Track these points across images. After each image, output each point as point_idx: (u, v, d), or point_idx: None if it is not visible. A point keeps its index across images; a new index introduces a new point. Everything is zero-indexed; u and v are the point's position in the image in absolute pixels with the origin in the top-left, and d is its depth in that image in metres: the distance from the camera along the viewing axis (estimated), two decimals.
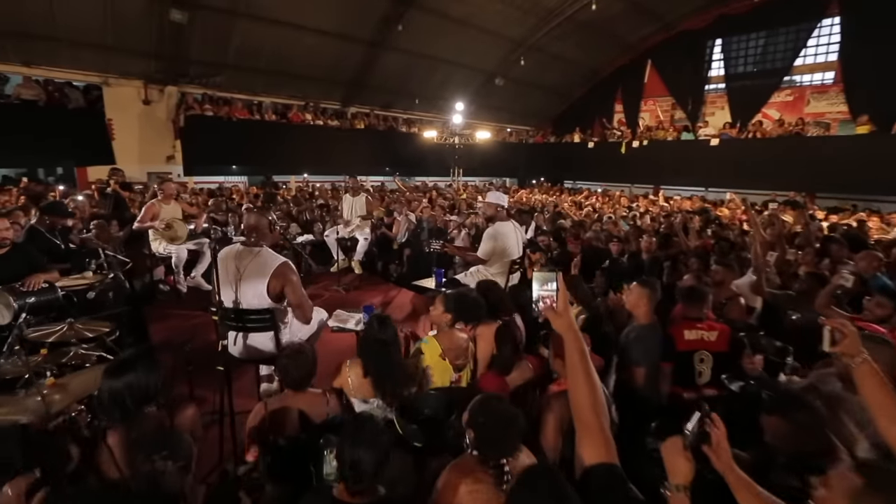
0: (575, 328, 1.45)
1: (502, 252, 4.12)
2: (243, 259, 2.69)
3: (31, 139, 10.59)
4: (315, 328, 3.07)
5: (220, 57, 12.20)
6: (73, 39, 10.48)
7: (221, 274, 2.62)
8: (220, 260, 2.65)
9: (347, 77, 14.50)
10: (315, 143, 13.63)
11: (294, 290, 2.71)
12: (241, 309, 2.68)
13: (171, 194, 5.46)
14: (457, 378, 2.62)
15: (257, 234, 2.77)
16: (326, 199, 9.95)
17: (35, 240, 4.18)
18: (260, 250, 2.74)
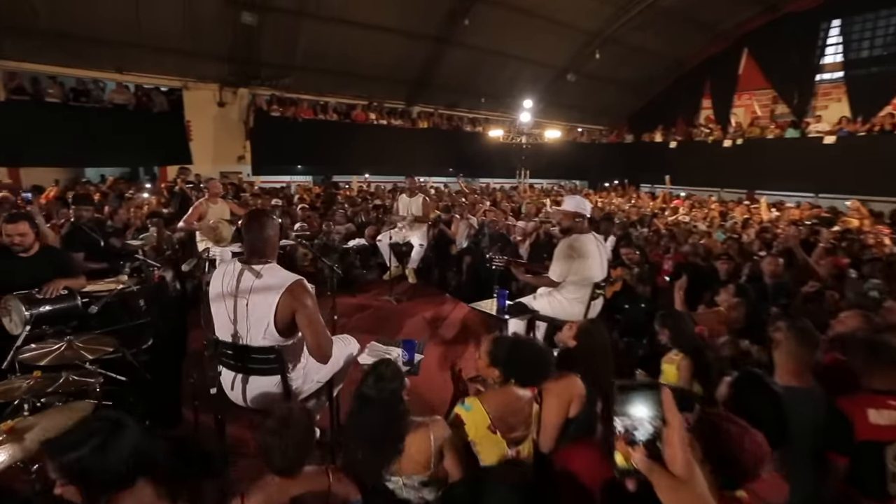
0: None
1: (580, 273, 3.29)
2: (244, 281, 2.07)
3: (121, 141, 11.22)
4: (340, 365, 2.41)
5: (288, 59, 12.27)
6: (157, 46, 10.92)
7: (214, 301, 2.08)
8: (213, 283, 2.12)
9: (412, 76, 14.12)
10: (378, 143, 13.37)
11: (308, 316, 2.06)
12: (239, 345, 2.07)
13: (216, 193, 5.20)
14: (514, 453, 1.88)
15: (263, 245, 2.13)
16: (384, 199, 9.51)
17: (75, 237, 3.99)
18: (264, 267, 2.11)
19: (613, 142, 17.30)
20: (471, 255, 7.01)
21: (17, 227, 3.07)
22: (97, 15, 9.90)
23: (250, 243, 2.13)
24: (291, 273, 2.15)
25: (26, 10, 9.41)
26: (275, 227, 2.17)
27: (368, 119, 13.50)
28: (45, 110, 10.66)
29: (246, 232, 2.13)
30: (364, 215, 7.92)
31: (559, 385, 2.01)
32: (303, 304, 2.06)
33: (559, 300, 3.31)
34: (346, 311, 5.39)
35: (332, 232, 6.47)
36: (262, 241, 2.12)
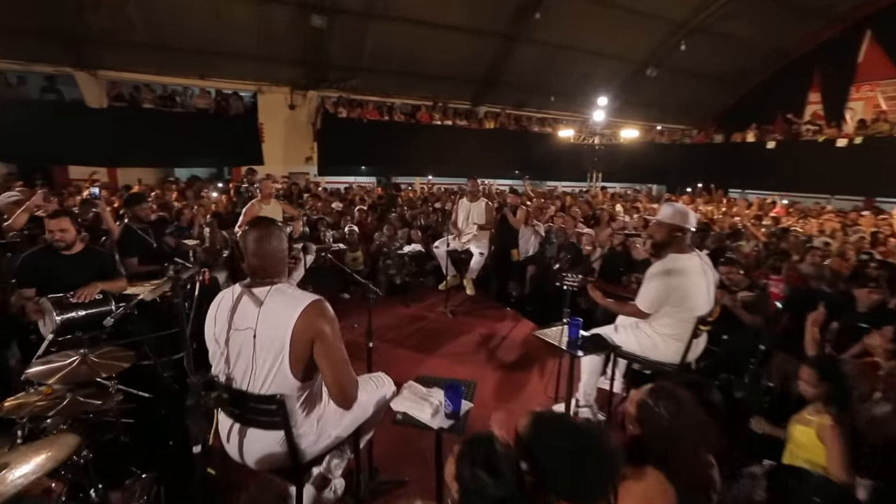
0: None
1: (680, 304, 2.57)
2: (242, 310, 1.67)
3: (202, 143, 11.80)
4: (369, 412, 1.94)
5: (355, 60, 12.27)
6: (236, 53, 11.34)
7: (208, 337, 1.72)
8: (209, 314, 1.75)
9: (479, 75, 13.63)
10: (441, 144, 13.02)
11: (328, 347, 1.64)
12: (234, 390, 1.66)
13: (269, 193, 5.01)
14: None
15: (267, 262, 1.72)
16: (445, 202, 9.08)
17: (127, 238, 3.92)
18: (270, 290, 1.68)
19: (700, 142, 15.66)
20: (535, 265, 6.37)
21: (59, 222, 2.96)
22: (184, 26, 10.43)
23: (250, 260, 1.70)
24: (305, 292, 1.73)
25: (125, 24, 10.09)
26: (280, 239, 1.75)
27: (433, 120, 13.20)
28: (140, 115, 11.45)
29: (245, 246, 1.70)
30: (423, 218, 7.53)
31: (633, 491, 1.36)
32: (321, 332, 1.62)
33: (649, 335, 2.61)
34: (397, 322, 5.00)
35: (389, 236, 6.13)
36: (264, 256, 1.69)
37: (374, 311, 4.80)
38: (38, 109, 10.89)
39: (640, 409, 1.50)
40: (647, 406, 1.49)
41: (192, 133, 11.67)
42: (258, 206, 4.87)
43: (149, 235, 4.02)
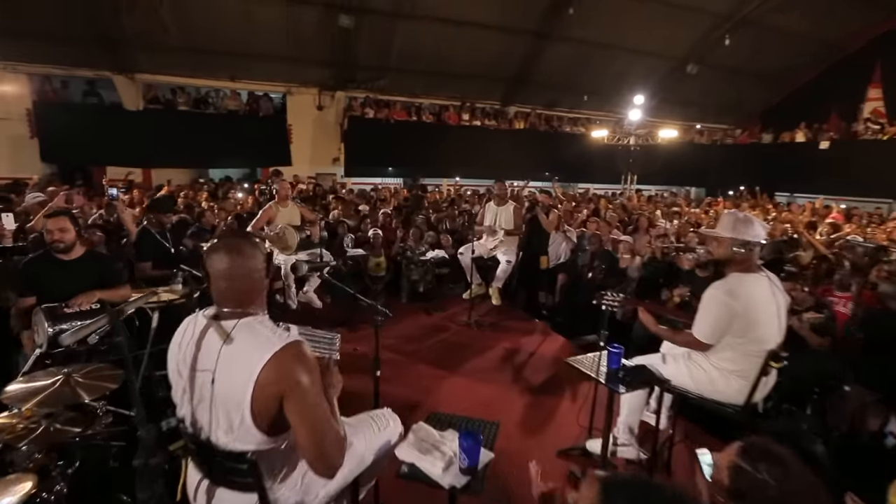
0: None
1: (746, 335, 2.12)
2: (206, 346, 1.33)
3: (233, 144, 11.90)
4: (368, 461, 1.60)
5: (383, 61, 12.10)
6: (265, 54, 11.37)
7: (171, 373, 1.41)
8: (176, 338, 1.43)
9: (509, 74, 13.23)
10: (469, 145, 12.70)
11: (302, 403, 1.28)
12: (200, 440, 1.34)
13: (286, 195, 4.75)
14: None
15: (238, 287, 1.36)
16: (473, 204, 8.74)
17: (143, 242, 3.78)
18: (239, 324, 1.32)
19: (743, 142, 14.74)
20: (566, 273, 5.97)
21: (57, 222, 2.80)
22: (215, 29, 10.51)
23: (216, 284, 1.35)
24: (282, 330, 1.35)
25: (158, 27, 10.23)
26: (254, 257, 1.37)
27: (461, 120, 12.89)
28: (174, 117, 11.65)
29: (209, 265, 1.35)
30: (449, 222, 7.22)
31: None
32: (294, 385, 1.27)
33: (704, 369, 2.19)
34: (418, 332, 4.71)
35: (413, 240, 5.86)
36: (233, 279, 1.33)
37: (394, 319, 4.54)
38: (80, 112, 11.22)
39: (736, 477, 1.14)
40: (744, 473, 1.12)
41: (223, 134, 11.79)
42: (275, 208, 4.67)
43: (166, 239, 3.87)
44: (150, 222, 3.94)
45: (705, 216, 9.06)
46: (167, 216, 3.94)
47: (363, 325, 4.76)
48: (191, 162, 12.38)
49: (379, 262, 5.62)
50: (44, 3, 9.28)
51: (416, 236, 5.83)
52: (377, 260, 5.59)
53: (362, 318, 4.93)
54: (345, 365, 3.42)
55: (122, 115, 11.31)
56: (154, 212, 3.93)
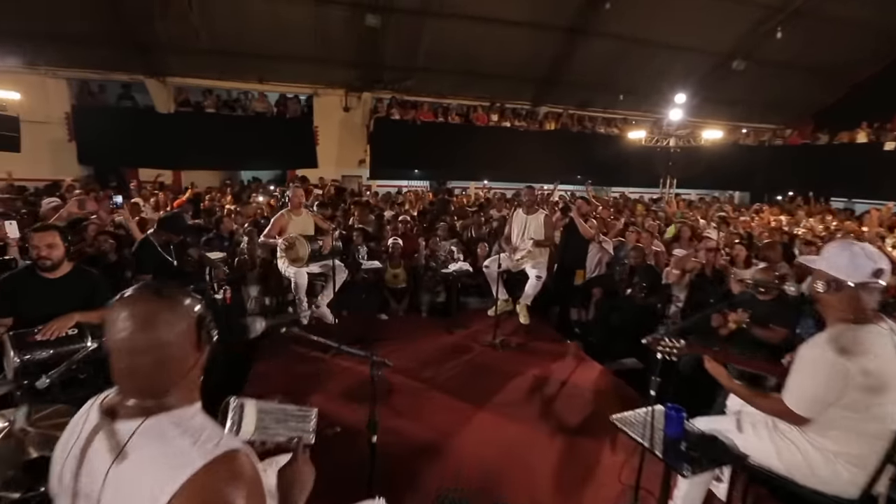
0: None
1: (859, 409, 1.57)
2: (97, 458, 0.86)
3: (261, 146, 11.84)
4: None
5: (410, 61, 11.78)
6: (292, 55, 11.24)
7: (55, 471, 0.94)
8: (65, 435, 0.96)
9: (540, 73, 12.68)
10: (499, 147, 12.21)
11: None
12: None
13: (299, 203, 4.43)
14: None
15: (148, 369, 0.90)
16: (501, 209, 8.25)
17: (143, 253, 3.52)
18: (142, 428, 0.86)
19: (793, 143, 13.66)
20: (602, 288, 5.43)
21: (44, 236, 2.52)
22: (243, 31, 10.46)
23: (116, 361, 0.91)
24: (209, 433, 0.88)
25: (189, 31, 10.23)
26: (176, 327, 0.93)
27: (489, 121, 12.42)
28: (203, 120, 11.69)
29: (110, 334, 0.91)
30: (474, 229, 6.76)
31: None
32: None
33: (800, 449, 1.62)
34: (436, 353, 4.29)
35: (433, 249, 5.45)
36: (138, 354, 0.89)
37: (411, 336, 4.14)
38: (114, 115, 11.38)
39: None
40: None
41: (251, 136, 11.75)
42: (287, 216, 4.35)
43: (169, 252, 3.60)
44: (155, 231, 3.69)
45: (755, 223, 8.28)
46: (174, 236, 3.66)
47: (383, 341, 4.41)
48: (219, 164, 12.40)
49: (397, 273, 5.23)
50: (82, 9, 9.41)
51: (436, 245, 5.41)
52: (395, 271, 5.20)
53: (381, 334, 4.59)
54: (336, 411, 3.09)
55: (154, 118, 11.42)
56: (163, 230, 3.67)
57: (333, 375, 3.77)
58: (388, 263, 5.17)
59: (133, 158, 11.69)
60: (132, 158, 11.70)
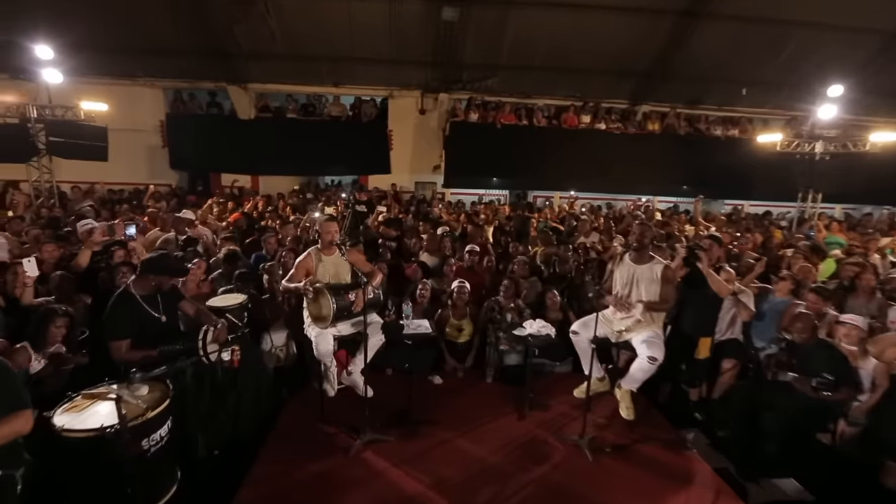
0: None
1: None
2: None
3: (335, 151, 11.47)
4: None
5: (492, 58, 10.62)
6: (367, 57, 10.66)
7: None
8: None
9: (641, 66, 10.84)
10: (589, 152, 10.63)
11: None
12: None
13: (330, 241, 3.21)
14: None
15: None
16: (589, 234, 6.70)
17: (121, 311, 2.70)
18: None
19: None
20: (735, 359, 3.88)
21: None
22: (319, 34, 10.08)
23: None
24: None
25: (267, 37, 10.02)
26: None
27: (580, 123, 10.85)
28: (279, 125, 11.56)
29: None
30: (559, 264, 5.35)
31: None
32: None
33: None
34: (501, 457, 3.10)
35: (505, 296, 4.22)
36: None
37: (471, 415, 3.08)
38: (201, 122, 11.63)
39: None
40: None
41: (325, 141, 11.43)
42: (315, 257, 3.26)
43: (156, 303, 2.82)
44: (136, 281, 2.83)
45: None
46: (166, 279, 2.87)
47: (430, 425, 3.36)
48: (294, 169, 12.24)
49: (461, 325, 4.13)
50: (173, 21, 9.54)
51: (510, 292, 4.19)
52: (458, 322, 4.11)
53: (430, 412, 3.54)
54: None
55: (235, 124, 11.49)
56: (146, 274, 2.81)
57: (356, 484, 2.79)
58: (451, 312, 4.10)
59: (216, 163, 11.91)
60: (216, 164, 11.92)
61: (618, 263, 3.42)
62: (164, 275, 2.83)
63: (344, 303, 3.00)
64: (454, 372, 4.14)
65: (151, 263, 2.83)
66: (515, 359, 4.17)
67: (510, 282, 4.27)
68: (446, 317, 4.22)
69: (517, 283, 4.35)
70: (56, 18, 8.31)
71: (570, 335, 3.44)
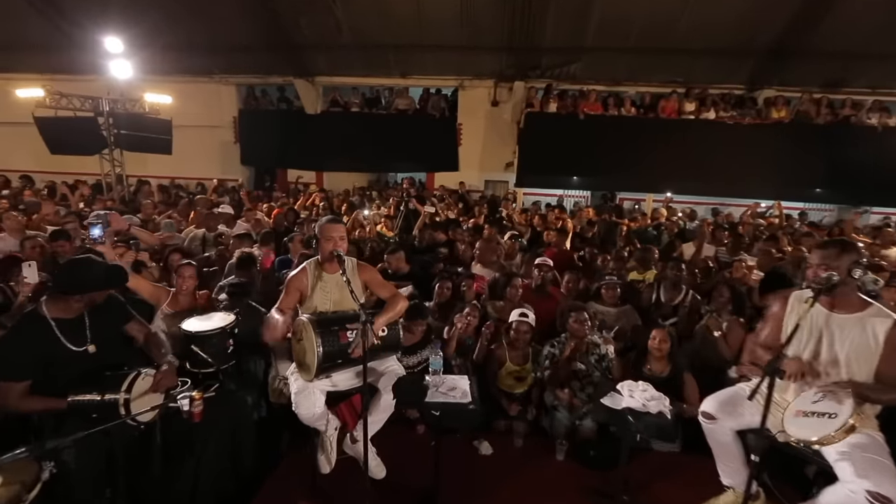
0: None
1: None
2: None
3: (400, 146, 10.77)
4: None
5: (576, 39, 9.22)
6: (436, 44, 9.80)
7: None
8: None
9: (764, 42, 8.86)
10: (693, 146, 8.82)
11: None
12: None
13: (332, 248, 2.15)
14: None
15: None
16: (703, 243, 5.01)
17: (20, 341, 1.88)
18: None
19: None
20: None
21: None
22: (386, 23, 9.36)
23: None
24: None
25: (333, 28, 9.51)
26: None
27: (682, 111, 9.02)
28: (345, 119, 11.06)
29: None
30: (666, 291, 3.85)
31: None
32: None
33: None
34: None
35: (581, 333, 2.94)
36: None
37: None
38: (269, 118, 11.48)
39: None
40: None
41: (391, 136, 10.77)
42: (312, 274, 2.26)
43: (77, 328, 1.95)
44: (50, 302, 1.96)
45: None
46: (71, 300, 1.97)
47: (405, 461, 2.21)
48: (357, 165, 11.68)
49: (522, 371, 2.93)
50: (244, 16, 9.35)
51: (588, 328, 2.87)
52: (518, 368, 2.92)
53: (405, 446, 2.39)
54: None
55: (301, 120, 11.20)
56: (59, 291, 1.96)
57: None
58: (508, 351, 2.91)
59: (283, 159, 11.72)
60: (282, 159, 11.73)
61: (791, 307, 2.02)
62: (80, 291, 1.95)
63: (336, 346, 1.96)
64: (510, 435, 2.94)
65: (60, 278, 1.98)
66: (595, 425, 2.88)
67: (579, 316, 2.92)
68: (501, 357, 3.03)
69: (586, 321, 2.98)
70: (133, 19, 8.34)
71: (701, 419, 2.10)
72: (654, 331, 2.90)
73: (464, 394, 2.14)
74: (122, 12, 8.41)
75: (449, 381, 2.26)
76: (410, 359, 2.91)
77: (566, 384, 2.92)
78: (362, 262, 2.37)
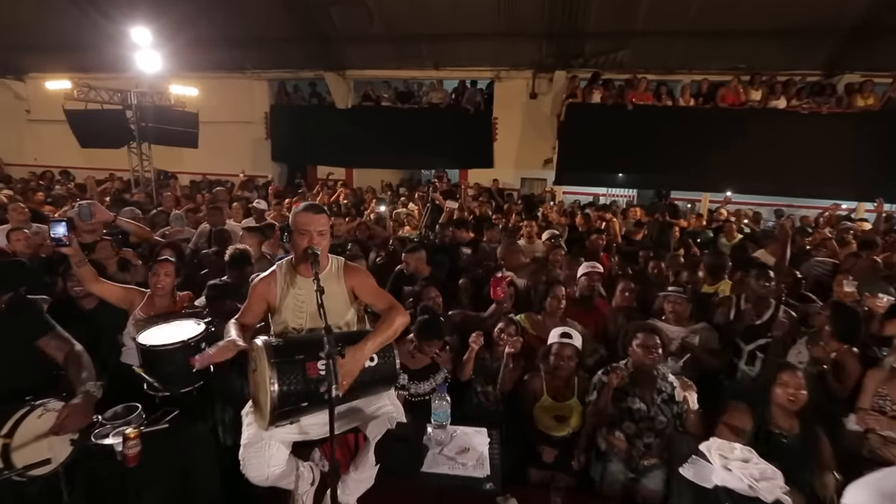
0: None
1: None
2: None
3: (433, 142, 10.29)
4: None
5: (624, 23, 8.37)
6: (472, 33, 9.16)
7: None
8: None
9: (844, 22, 7.74)
10: (758, 139, 7.74)
11: None
12: None
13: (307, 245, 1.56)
14: None
15: None
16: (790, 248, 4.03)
17: None
18: None
19: None
20: None
21: None
22: (418, 10, 8.92)
23: None
24: None
25: (364, 16, 9.09)
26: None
27: (747, 101, 7.96)
28: (376, 114, 10.65)
29: None
30: (753, 313, 2.94)
31: None
32: None
33: None
34: None
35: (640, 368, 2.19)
36: None
37: None
38: (300, 113, 11.21)
39: None
40: None
41: (423, 131, 10.29)
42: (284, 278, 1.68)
43: None
44: None
45: None
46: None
47: None
48: (388, 162, 11.23)
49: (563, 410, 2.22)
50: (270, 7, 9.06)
51: (649, 359, 2.12)
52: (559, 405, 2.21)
53: None
54: None
55: (332, 115, 10.90)
56: None
57: None
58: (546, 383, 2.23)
59: (313, 155, 11.44)
60: (312, 155, 11.46)
61: None
62: None
63: (299, 382, 1.35)
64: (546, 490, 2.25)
65: None
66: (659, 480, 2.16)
67: (641, 339, 2.19)
68: (536, 390, 2.34)
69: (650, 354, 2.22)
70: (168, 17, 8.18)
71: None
72: (785, 374, 2.04)
73: (479, 460, 1.48)
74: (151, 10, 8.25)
75: (460, 437, 1.61)
76: (421, 385, 2.28)
77: (616, 425, 2.22)
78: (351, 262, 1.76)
